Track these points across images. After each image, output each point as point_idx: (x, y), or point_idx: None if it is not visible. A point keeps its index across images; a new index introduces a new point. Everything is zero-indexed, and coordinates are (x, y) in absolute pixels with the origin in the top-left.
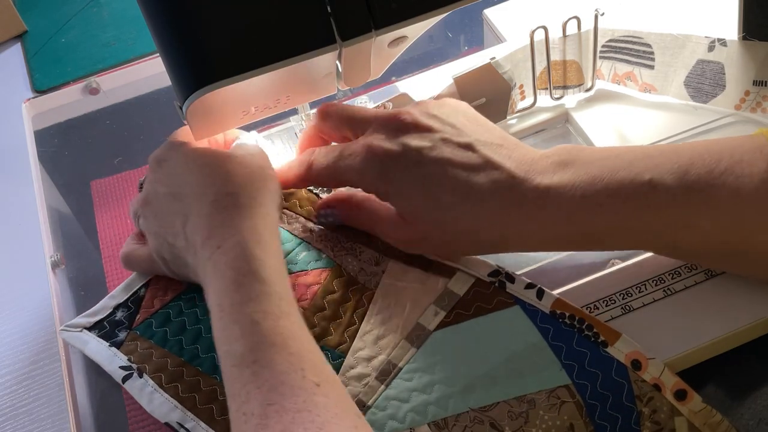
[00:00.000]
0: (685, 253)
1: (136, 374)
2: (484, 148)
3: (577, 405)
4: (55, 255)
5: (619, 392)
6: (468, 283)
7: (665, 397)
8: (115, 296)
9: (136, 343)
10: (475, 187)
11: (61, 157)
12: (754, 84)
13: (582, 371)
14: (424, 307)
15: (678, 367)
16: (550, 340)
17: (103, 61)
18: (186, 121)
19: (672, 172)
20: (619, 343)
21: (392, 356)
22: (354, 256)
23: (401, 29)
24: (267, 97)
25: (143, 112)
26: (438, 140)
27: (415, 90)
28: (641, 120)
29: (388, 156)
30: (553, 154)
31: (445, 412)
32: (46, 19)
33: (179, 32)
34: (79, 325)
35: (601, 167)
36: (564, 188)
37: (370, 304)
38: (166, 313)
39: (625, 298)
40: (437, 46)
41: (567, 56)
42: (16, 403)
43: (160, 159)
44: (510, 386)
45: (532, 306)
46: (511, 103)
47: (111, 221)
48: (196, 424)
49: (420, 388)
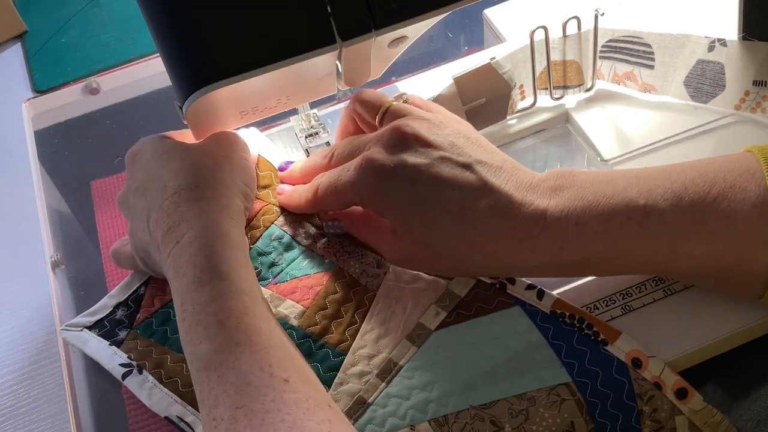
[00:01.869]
0: (678, 276)
1: (135, 371)
2: (482, 169)
3: (578, 403)
4: (55, 255)
5: (620, 390)
6: (469, 285)
7: (666, 395)
8: (115, 295)
9: (136, 341)
10: (470, 210)
11: (61, 157)
12: (753, 84)
13: (582, 369)
14: (426, 307)
15: (678, 367)
16: (551, 339)
17: (103, 61)
18: (186, 121)
19: (666, 197)
20: (620, 342)
21: (393, 354)
22: (356, 259)
23: (401, 29)
24: (267, 97)
25: (143, 112)
26: (437, 158)
27: (415, 90)
28: (641, 120)
29: (384, 171)
30: (549, 177)
31: (446, 409)
32: (46, 19)
33: (179, 32)
34: (80, 324)
35: (595, 192)
36: (559, 214)
37: (371, 304)
38: (165, 312)
39: (625, 298)
40: (437, 46)
41: (567, 56)
42: (16, 403)
43: (133, 154)
44: (510, 384)
45: (532, 306)
46: (511, 103)
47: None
48: (195, 418)
49: (420, 385)
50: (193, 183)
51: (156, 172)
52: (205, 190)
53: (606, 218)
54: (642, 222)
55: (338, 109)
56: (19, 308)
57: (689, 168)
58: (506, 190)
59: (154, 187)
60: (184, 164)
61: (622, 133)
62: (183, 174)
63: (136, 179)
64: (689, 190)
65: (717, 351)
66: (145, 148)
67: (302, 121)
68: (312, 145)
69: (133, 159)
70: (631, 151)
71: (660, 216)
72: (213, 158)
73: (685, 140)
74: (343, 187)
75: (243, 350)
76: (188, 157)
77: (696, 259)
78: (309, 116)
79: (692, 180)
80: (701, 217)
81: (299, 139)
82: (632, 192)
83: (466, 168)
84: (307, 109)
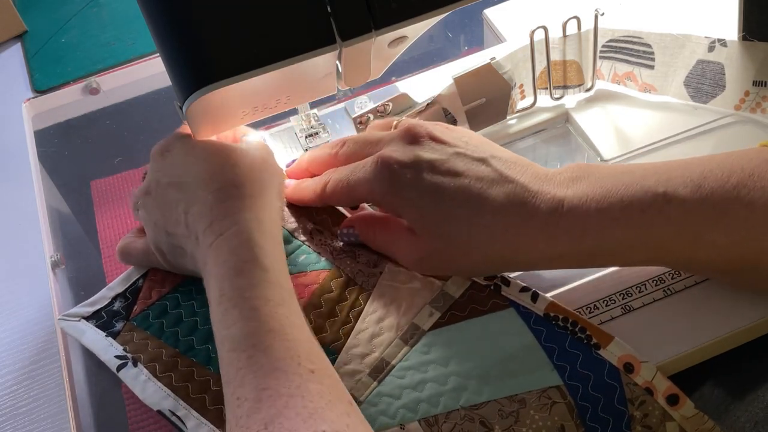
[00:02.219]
0: (699, 269)
1: (130, 363)
2: (497, 162)
3: (568, 406)
4: (55, 255)
5: (611, 395)
6: (464, 286)
7: (657, 401)
8: (114, 287)
9: (132, 333)
10: (488, 200)
11: (61, 157)
12: (753, 84)
13: (574, 372)
14: (420, 308)
15: (678, 367)
16: (543, 342)
17: (103, 61)
18: (186, 121)
19: (685, 185)
20: (612, 346)
21: (386, 354)
22: (352, 259)
23: (401, 29)
24: (267, 97)
25: (143, 112)
26: (452, 154)
27: (415, 90)
28: (641, 120)
29: (400, 166)
30: (566, 170)
31: (436, 409)
32: (46, 19)
33: (179, 32)
34: (78, 314)
35: (614, 181)
36: (578, 201)
37: (366, 304)
38: (162, 305)
39: (625, 298)
40: (437, 46)
41: (567, 56)
42: (16, 403)
43: (164, 149)
44: (501, 386)
45: (526, 308)
46: (511, 103)
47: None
48: (187, 413)
49: (412, 385)
50: (239, 181)
51: (197, 167)
52: (249, 189)
53: (626, 205)
54: (663, 209)
55: (338, 109)
56: (19, 308)
57: (706, 160)
58: (522, 180)
59: (195, 182)
60: (228, 162)
61: (622, 133)
62: (228, 171)
63: (168, 174)
64: (708, 179)
65: (717, 351)
66: (177, 144)
67: (302, 121)
68: (312, 145)
69: (162, 154)
70: (631, 151)
71: (681, 203)
72: (252, 159)
73: (685, 140)
74: (357, 182)
75: (275, 337)
76: (230, 155)
77: (719, 249)
78: (309, 116)
79: (710, 170)
80: (723, 205)
81: (299, 139)
82: (651, 181)
83: (481, 162)
84: (307, 109)
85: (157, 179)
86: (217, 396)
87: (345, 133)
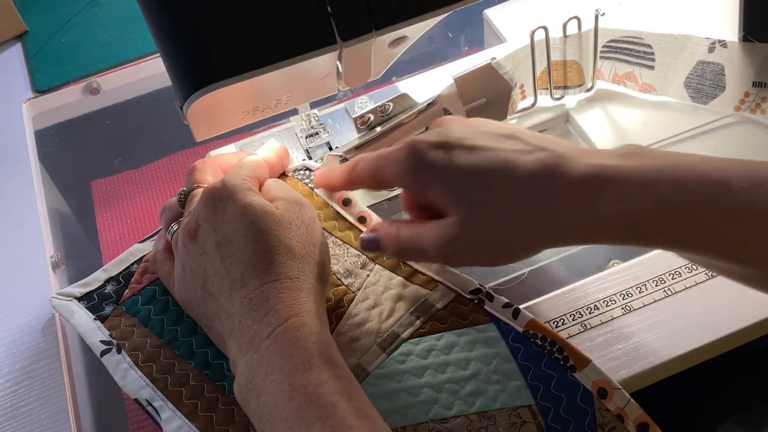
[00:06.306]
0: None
1: (114, 350)
2: (528, 137)
3: (538, 426)
4: (56, 255)
5: (582, 419)
6: (448, 298)
7: (627, 428)
8: (109, 269)
9: (120, 318)
10: (525, 167)
11: (61, 157)
12: (753, 85)
13: (547, 393)
14: (401, 315)
15: (678, 367)
16: (519, 360)
17: (103, 61)
18: (186, 121)
19: (740, 176)
20: (588, 370)
21: (362, 360)
22: (342, 258)
23: (401, 29)
24: (267, 97)
25: (143, 112)
26: (480, 132)
27: (415, 90)
28: (641, 120)
29: (431, 145)
30: (617, 148)
31: (405, 420)
32: (46, 19)
33: (179, 32)
34: (70, 294)
35: (664, 161)
36: (622, 169)
37: (349, 306)
38: (152, 290)
39: (625, 298)
40: (437, 46)
41: (567, 56)
42: (16, 403)
43: (216, 198)
44: (472, 401)
45: (506, 324)
46: (511, 103)
47: (111, 221)
48: (163, 404)
49: (384, 394)
50: (293, 274)
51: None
52: (303, 283)
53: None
54: (719, 195)
55: (338, 109)
56: (19, 308)
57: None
58: (555, 148)
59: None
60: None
61: (622, 133)
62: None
63: (221, 233)
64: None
65: (717, 351)
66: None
67: (302, 121)
68: (312, 145)
69: (215, 204)
70: None
71: (737, 193)
72: (304, 244)
73: (685, 140)
74: (387, 163)
75: None
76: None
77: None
78: (309, 116)
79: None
80: None
81: (299, 139)
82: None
83: (509, 137)
84: (307, 109)
85: (206, 230)
86: (194, 390)
87: (345, 133)
